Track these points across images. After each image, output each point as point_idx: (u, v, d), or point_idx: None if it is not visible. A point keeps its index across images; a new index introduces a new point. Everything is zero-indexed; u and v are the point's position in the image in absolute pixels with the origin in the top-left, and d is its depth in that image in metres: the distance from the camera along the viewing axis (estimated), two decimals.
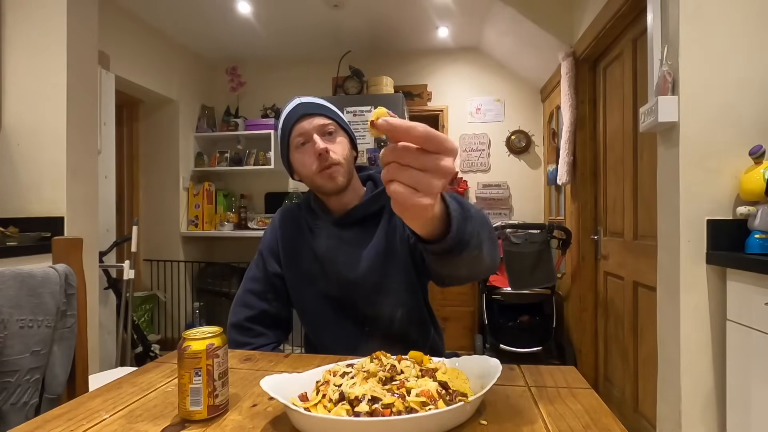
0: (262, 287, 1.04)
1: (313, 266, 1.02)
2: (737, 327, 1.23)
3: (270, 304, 1.04)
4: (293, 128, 0.97)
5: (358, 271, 0.98)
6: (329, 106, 1.02)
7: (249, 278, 1.07)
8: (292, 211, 1.09)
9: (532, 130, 3.60)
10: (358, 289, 0.99)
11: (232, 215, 3.67)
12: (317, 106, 0.99)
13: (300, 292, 1.03)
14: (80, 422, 0.58)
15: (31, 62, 1.91)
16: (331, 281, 1.00)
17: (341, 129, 1.01)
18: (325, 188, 0.98)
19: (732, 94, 1.34)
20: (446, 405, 0.54)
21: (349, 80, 3.39)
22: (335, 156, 0.96)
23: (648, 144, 1.83)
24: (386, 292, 0.98)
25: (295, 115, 0.97)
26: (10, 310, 0.87)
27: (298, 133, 0.97)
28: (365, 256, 0.99)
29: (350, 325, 1.00)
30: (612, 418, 0.58)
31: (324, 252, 1.01)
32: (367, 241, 1.00)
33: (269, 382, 0.58)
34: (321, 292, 1.01)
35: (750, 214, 1.27)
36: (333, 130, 0.98)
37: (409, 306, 1.00)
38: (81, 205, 1.98)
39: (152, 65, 3.22)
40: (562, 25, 2.64)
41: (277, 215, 1.11)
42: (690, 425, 1.35)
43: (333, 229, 1.02)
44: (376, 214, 1.02)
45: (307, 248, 1.03)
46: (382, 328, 0.98)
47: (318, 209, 1.05)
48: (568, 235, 2.65)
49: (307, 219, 1.06)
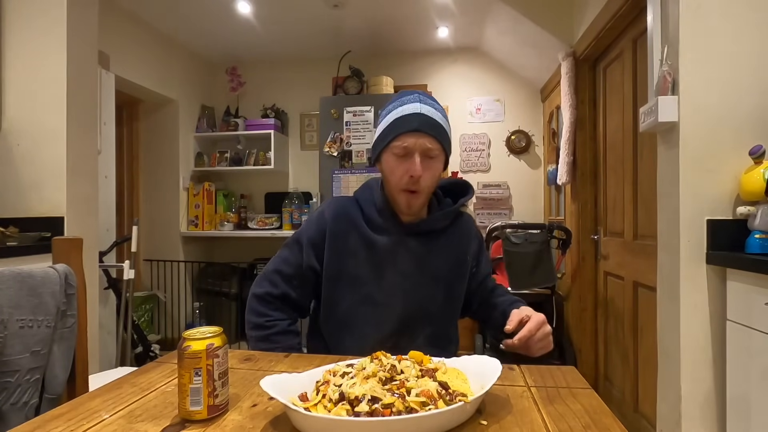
0: (292, 271, 1.04)
1: (364, 267, 1.01)
2: (737, 327, 1.22)
3: (294, 290, 1.04)
4: (400, 136, 0.96)
5: (413, 282, 1.01)
6: (445, 127, 0.99)
7: (282, 258, 1.06)
8: (347, 208, 1.06)
9: (532, 130, 3.59)
10: (403, 301, 1.01)
11: (232, 215, 3.67)
12: (434, 126, 0.96)
13: (336, 289, 1.03)
14: (80, 422, 0.58)
15: (31, 62, 1.91)
16: (381, 285, 1.01)
17: (443, 153, 1.00)
18: (399, 205, 1.01)
19: (732, 94, 1.34)
20: (446, 405, 0.54)
21: (349, 80, 3.39)
22: (423, 184, 0.97)
23: (648, 144, 1.83)
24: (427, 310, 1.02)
25: (409, 125, 0.95)
26: (10, 310, 0.87)
27: (402, 143, 0.96)
28: (426, 273, 1.02)
29: (376, 333, 1.00)
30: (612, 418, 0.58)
31: (386, 254, 1.01)
32: (432, 257, 1.03)
33: (269, 382, 0.58)
34: (362, 293, 1.01)
35: (750, 214, 1.27)
36: (436, 155, 0.98)
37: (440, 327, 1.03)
38: (81, 205, 1.98)
39: (152, 65, 3.21)
40: (562, 25, 2.64)
41: (328, 208, 1.07)
42: (690, 425, 1.35)
43: (402, 235, 1.03)
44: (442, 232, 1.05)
45: (362, 247, 1.02)
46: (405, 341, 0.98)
47: (386, 211, 1.04)
48: (568, 235, 2.65)
49: (372, 217, 1.04)
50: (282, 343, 1.01)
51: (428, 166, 0.97)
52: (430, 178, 0.98)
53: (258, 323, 1.02)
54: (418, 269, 1.02)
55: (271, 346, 0.99)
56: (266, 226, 3.57)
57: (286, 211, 3.50)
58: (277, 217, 3.59)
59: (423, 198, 1.00)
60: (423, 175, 0.95)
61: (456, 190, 1.12)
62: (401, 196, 0.99)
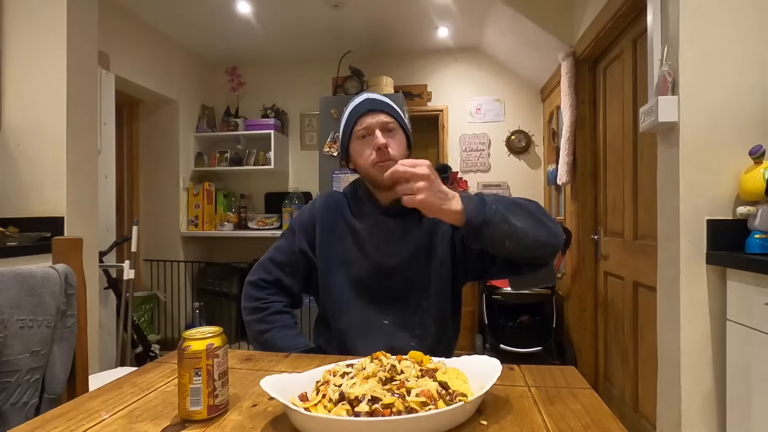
0: (284, 259, 1.09)
1: (351, 249, 1.06)
2: (737, 327, 1.23)
3: (286, 276, 1.09)
4: (358, 121, 1.04)
5: (396, 259, 1.04)
6: (393, 104, 1.08)
7: (275, 247, 1.12)
8: (336, 197, 1.14)
9: (532, 130, 3.59)
10: (391, 278, 1.04)
11: (232, 215, 3.67)
12: (382, 104, 1.05)
13: (329, 274, 1.06)
14: (80, 422, 0.58)
15: (31, 62, 1.91)
16: (367, 266, 1.04)
17: (401, 128, 1.07)
18: (378, 179, 1.03)
19: (732, 94, 1.34)
20: (446, 405, 0.54)
21: (349, 80, 3.39)
22: (392, 152, 1.02)
23: (648, 144, 1.83)
24: (417, 286, 1.04)
25: (361, 109, 1.04)
26: (10, 310, 0.87)
27: (361, 126, 1.03)
28: (407, 247, 1.04)
29: (371, 313, 1.03)
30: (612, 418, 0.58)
31: (366, 236, 1.06)
32: (410, 233, 1.06)
33: (269, 382, 0.58)
34: (352, 276, 1.05)
35: (750, 214, 1.27)
36: (393, 128, 1.05)
37: (434, 304, 1.04)
38: (81, 205, 1.98)
39: (152, 65, 3.21)
40: (562, 25, 2.64)
41: (320, 199, 1.15)
42: (690, 425, 1.35)
43: (379, 216, 1.07)
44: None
45: (347, 232, 1.08)
46: (400, 320, 1.03)
47: (365, 197, 1.10)
48: (568, 235, 2.65)
49: (352, 205, 1.11)
50: (277, 323, 1.04)
51: (390, 137, 1.03)
52: (396, 147, 1.03)
53: (253, 307, 1.06)
54: (402, 246, 1.05)
55: (267, 327, 1.02)
56: (266, 226, 3.57)
57: (286, 211, 3.50)
58: (277, 217, 3.59)
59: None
60: (388, 144, 1.01)
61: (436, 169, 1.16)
62: (376, 169, 1.02)
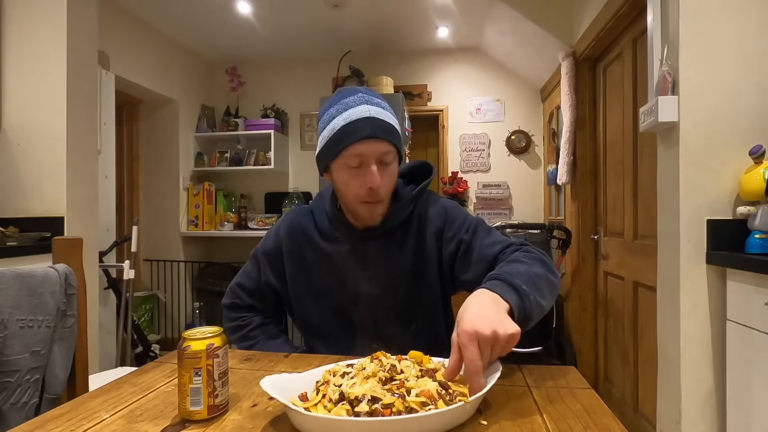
0: (253, 286, 1.06)
1: (327, 278, 0.97)
2: (737, 327, 1.22)
3: (257, 303, 1.07)
4: (352, 146, 0.85)
5: (380, 287, 0.95)
6: (397, 128, 0.90)
7: (244, 272, 1.08)
8: (300, 221, 1.02)
9: (532, 130, 3.59)
10: (376, 305, 0.96)
11: (232, 215, 3.67)
12: (386, 130, 0.87)
13: (305, 305, 1.00)
14: (80, 422, 0.58)
15: (31, 62, 1.91)
16: (346, 294, 0.96)
17: (398, 154, 0.92)
18: (360, 217, 0.93)
19: (732, 94, 1.34)
20: (446, 405, 0.54)
21: (349, 80, 3.38)
22: (383, 194, 0.89)
23: (648, 144, 1.83)
24: (405, 311, 0.96)
25: (360, 132, 0.85)
26: (10, 310, 0.87)
27: (356, 153, 0.85)
28: (390, 274, 0.95)
29: (357, 339, 0.97)
30: (612, 418, 0.58)
31: (344, 265, 0.96)
32: (392, 256, 0.96)
33: (269, 382, 0.58)
34: (331, 306, 0.98)
35: (750, 214, 1.27)
36: (391, 160, 0.89)
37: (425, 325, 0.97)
38: (81, 205, 1.98)
39: (152, 65, 3.21)
40: (562, 25, 2.64)
41: (283, 224, 1.04)
42: (690, 425, 1.35)
43: (357, 242, 0.96)
44: (400, 226, 0.97)
45: (319, 259, 0.98)
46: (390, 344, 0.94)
47: (337, 220, 0.98)
48: (568, 235, 2.65)
49: (322, 227, 0.99)
50: (259, 337, 1.01)
51: (386, 172, 0.88)
52: (389, 184, 0.91)
53: (233, 326, 1.04)
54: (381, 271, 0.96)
55: (250, 343, 1.00)
56: (266, 226, 3.57)
57: (286, 211, 3.51)
58: (277, 217, 3.59)
59: (384, 207, 0.93)
60: (382, 183, 0.87)
61: (416, 173, 1.03)
62: (362, 207, 0.91)
